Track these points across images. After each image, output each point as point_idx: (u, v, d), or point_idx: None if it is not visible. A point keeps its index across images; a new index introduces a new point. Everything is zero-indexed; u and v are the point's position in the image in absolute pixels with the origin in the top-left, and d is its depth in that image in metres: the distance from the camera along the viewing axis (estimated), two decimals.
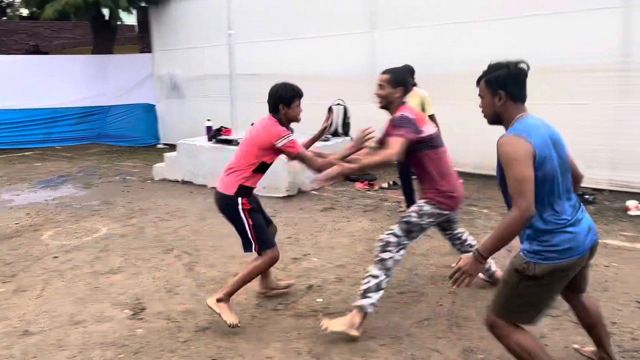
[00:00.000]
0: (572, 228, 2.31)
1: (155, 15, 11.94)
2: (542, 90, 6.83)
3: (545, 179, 2.28)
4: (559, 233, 2.29)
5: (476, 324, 3.34)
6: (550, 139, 2.37)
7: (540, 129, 2.39)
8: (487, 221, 5.52)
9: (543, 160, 2.28)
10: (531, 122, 2.41)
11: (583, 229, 2.34)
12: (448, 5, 7.58)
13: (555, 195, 2.32)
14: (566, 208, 2.35)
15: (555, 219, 2.30)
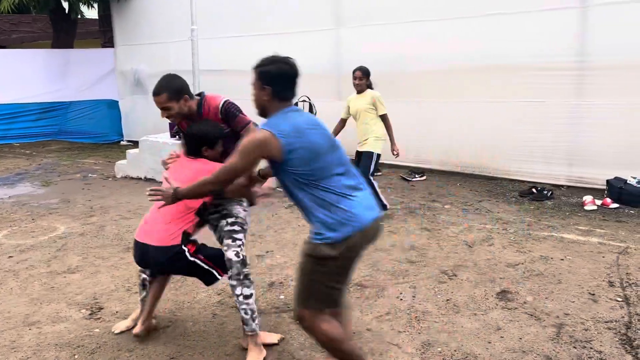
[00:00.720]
0: (347, 204, 2.33)
1: (118, 9, 11.69)
2: (502, 87, 7.01)
3: (308, 162, 2.33)
4: (333, 210, 2.33)
5: (435, 317, 3.39)
6: (307, 125, 2.41)
7: (292, 118, 2.42)
8: (450, 216, 5.60)
9: (294, 147, 2.31)
10: (284, 115, 2.44)
11: (360, 206, 2.37)
12: (412, 4, 7.65)
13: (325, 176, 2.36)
14: (339, 185, 2.36)
15: (327, 198, 2.34)
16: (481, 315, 3.41)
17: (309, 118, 2.52)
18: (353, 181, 2.44)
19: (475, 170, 7.43)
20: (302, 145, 2.33)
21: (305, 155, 2.33)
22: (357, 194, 2.41)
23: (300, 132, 2.36)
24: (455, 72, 7.36)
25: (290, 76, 2.45)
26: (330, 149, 2.42)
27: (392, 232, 5.15)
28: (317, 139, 2.39)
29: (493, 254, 4.48)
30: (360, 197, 2.41)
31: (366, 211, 2.38)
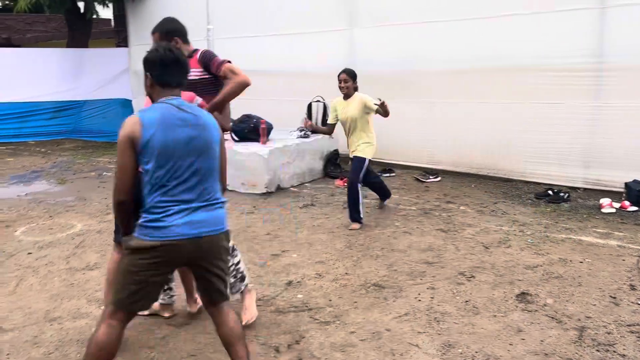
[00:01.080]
0: (167, 214, 2.29)
1: (132, 9, 11.76)
2: (517, 88, 6.97)
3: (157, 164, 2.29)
4: (152, 213, 2.30)
5: (455, 319, 3.38)
6: (169, 123, 2.32)
7: (157, 111, 2.34)
8: (465, 218, 5.58)
9: (149, 144, 2.27)
10: (156, 106, 2.39)
11: (181, 219, 2.30)
12: (427, 4, 7.63)
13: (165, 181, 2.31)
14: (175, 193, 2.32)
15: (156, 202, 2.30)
16: (501, 317, 3.40)
17: (183, 115, 2.37)
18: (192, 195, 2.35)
19: (489, 171, 7.39)
20: (157, 139, 2.27)
21: (155, 152, 2.27)
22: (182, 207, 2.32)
23: (163, 125, 2.30)
24: (469, 73, 7.33)
25: (168, 62, 2.41)
26: (187, 154, 2.33)
27: (408, 232, 5.13)
28: (175, 138, 2.30)
29: (511, 256, 4.46)
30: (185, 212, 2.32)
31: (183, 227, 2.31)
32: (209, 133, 2.42)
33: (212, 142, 2.43)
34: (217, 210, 2.43)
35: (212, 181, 2.43)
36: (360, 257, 4.49)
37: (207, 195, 2.39)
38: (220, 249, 2.45)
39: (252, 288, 3.53)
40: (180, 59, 2.44)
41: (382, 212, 5.85)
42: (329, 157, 7.86)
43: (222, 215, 2.46)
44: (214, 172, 2.44)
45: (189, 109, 2.41)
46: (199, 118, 2.41)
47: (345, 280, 4.02)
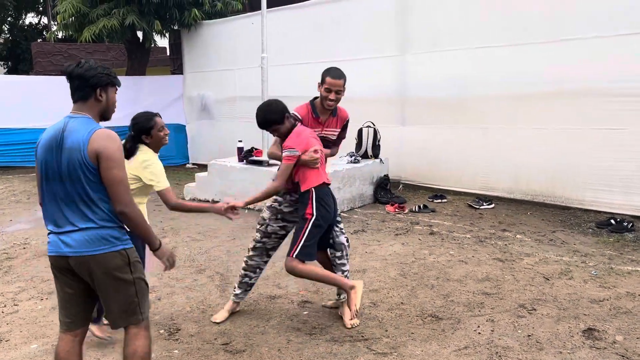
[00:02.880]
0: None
1: (187, 38, 12.21)
2: (578, 115, 6.77)
3: (41, 178, 2.46)
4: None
5: (518, 354, 3.25)
6: (55, 142, 2.42)
7: (50, 130, 2.48)
8: (523, 247, 5.41)
9: (37, 160, 2.49)
10: (53, 125, 2.50)
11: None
12: (480, 29, 7.57)
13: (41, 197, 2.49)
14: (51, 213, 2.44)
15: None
16: (567, 354, 3.24)
17: (53, 133, 2.44)
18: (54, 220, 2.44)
19: (546, 199, 7.17)
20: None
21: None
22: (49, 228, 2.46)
23: (38, 145, 2.50)
24: (524, 98, 7.19)
25: (70, 79, 2.47)
26: (51, 178, 2.40)
27: (463, 261, 5.02)
28: (42, 160, 2.45)
29: (574, 288, 4.27)
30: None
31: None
32: (70, 159, 2.42)
33: (72, 168, 2.40)
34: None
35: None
36: (415, 286, 4.41)
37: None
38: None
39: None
40: (72, 74, 2.47)
41: (434, 240, 5.75)
42: (379, 182, 7.83)
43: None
44: (75, 199, 2.43)
45: (66, 132, 2.43)
46: (68, 142, 2.42)
47: (400, 310, 3.95)
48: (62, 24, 11.53)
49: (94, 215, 2.39)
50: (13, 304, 4.21)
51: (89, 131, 2.37)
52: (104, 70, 2.50)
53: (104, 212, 2.40)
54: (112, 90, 2.56)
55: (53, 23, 22.20)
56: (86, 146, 2.34)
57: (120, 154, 2.39)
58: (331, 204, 3.56)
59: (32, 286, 4.58)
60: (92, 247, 2.38)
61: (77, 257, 2.39)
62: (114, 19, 10.70)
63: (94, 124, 2.44)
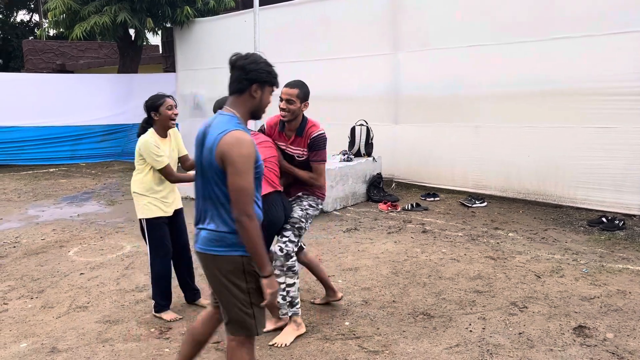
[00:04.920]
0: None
1: (180, 35, 12.16)
2: (569, 113, 6.80)
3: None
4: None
5: (509, 352, 3.25)
6: (201, 137, 2.41)
7: (202, 125, 2.47)
8: (515, 245, 5.42)
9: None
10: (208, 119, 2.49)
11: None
12: (472, 28, 7.58)
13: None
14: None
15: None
16: (558, 351, 3.25)
17: (201, 129, 2.44)
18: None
19: (538, 197, 7.19)
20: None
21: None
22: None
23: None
24: (516, 96, 7.21)
25: (231, 69, 2.40)
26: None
27: (455, 259, 5.02)
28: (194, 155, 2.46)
29: (565, 286, 4.29)
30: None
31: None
32: (206, 157, 2.36)
33: (207, 167, 2.35)
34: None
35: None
36: (407, 285, 4.41)
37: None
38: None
39: (301, 323, 3.57)
40: (235, 64, 2.36)
41: (427, 238, 5.75)
42: (372, 180, 7.83)
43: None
44: (210, 198, 2.38)
45: (208, 128, 2.39)
46: (206, 139, 2.37)
47: (392, 308, 3.95)
48: (53, 21, 11.46)
49: (220, 217, 2.34)
50: (2, 302, 4.17)
51: (221, 132, 2.26)
52: (267, 67, 2.39)
53: (228, 216, 2.32)
54: (268, 90, 2.42)
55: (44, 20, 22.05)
56: (215, 148, 2.26)
57: (246, 160, 2.24)
58: (275, 212, 3.45)
59: (22, 285, 4.55)
60: (211, 246, 2.35)
61: (199, 254, 2.41)
62: (105, 16, 10.64)
63: (232, 124, 2.30)
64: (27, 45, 18.18)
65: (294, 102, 3.51)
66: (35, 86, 11.97)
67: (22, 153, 11.87)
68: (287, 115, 3.53)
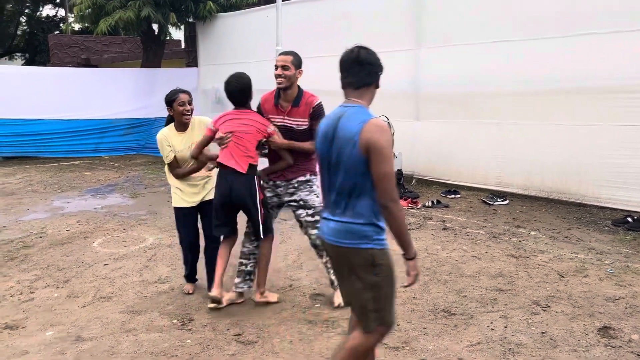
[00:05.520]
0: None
1: (202, 30, 12.24)
2: (595, 111, 6.68)
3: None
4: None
5: (531, 351, 3.22)
6: (331, 131, 2.39)
7: (327, 120, 2.48)
8: (537, 243, 5.36)
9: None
10: (331, 112, 2.49)
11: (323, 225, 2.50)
12: (496, 24, 7.49)
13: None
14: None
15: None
16: (582, 352, 3.21)
17: (329, 122, 2.45)
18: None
19: (561, 195, 7.09)
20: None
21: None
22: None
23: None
24: (539, 93, 7.11)
25: (349, 63, 2.42)
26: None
27: (476, 257, 4.98)
28: (319, 149, 2.48)
29: (589, 286, 4.23)
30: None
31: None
32: (342, 149, 2.34)
33: (344, 158, 2.34)
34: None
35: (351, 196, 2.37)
36: (427, 282, 4.39)
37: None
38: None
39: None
40: (359, 58, 2.38)
41: (447, 235, 5.71)
42: None
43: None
44: (347, 190, 2.36)
45: (340, 119, 2.37)
46: (341, 130, 2.35)
47: (413, 304, 3.94)
48: (79, 15, 11.63)
49: (354, 209, 2.33)
50: (29, 291, 4.27)
51: (362, 121, 2.28)
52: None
53: (364, 208, 2.32)
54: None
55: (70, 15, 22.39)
56: (358, 137, 2.26)
57: (389, 147, 2.28)
58: (221, 185, 3.69)
59: (48, 274, 4.64)
60: (342, 238, 2.36)
61: (330, 245, 2.43)
62: (130, 11, 10.76)
63: (368, 113, 2.34)
64: (52, 39, 18.48)
65: (289, 67, 3.64)
66: (61, 80, 12.17)
67: (47, 145, 12.10)
68: (283, 81, 3.64)
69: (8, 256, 5.15)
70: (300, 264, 4.85)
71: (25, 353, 3.27)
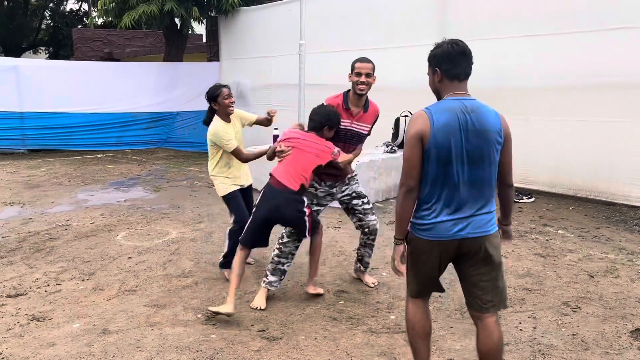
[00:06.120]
0: (435, 214, 2.44)
1: (224, 24, 12.24)
2: (627, 107, 6.51)
3: (438, 161, 2.39)
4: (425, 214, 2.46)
5: (562, 353, 3.14)
6: (460, 124, 2.38)
7: (448, 112, 2.40)
8: (565, 243, 5.24)
9: (436, 143, 2.37)
10: (445, 104, 2.44)
11: (448, 220, 2.43)
12: (523, 17, 7.33)
13: (442, 181, 2.41)
14: (445, 195, 2.42)
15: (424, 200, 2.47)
16: (615, 355, 3.12)
17: (451, 115, 2.40)
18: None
19: (589, 194, 6.93)
20: (440, 142, 2.39)
21: (436, 154, 2.42)
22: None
23: (448, 129, 2.40)
24: (569, 89, 6.95)
25: (455, 55, 2.45)
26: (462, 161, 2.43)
27: (503, 256, 4.85)
28: (440, 143, 2.40)
29: (621, 287, 4.12)
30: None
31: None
32: (486, 141, 2.39)
33: (488, 150, 2.40)
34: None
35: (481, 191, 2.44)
36: (453, 280, 4.28)
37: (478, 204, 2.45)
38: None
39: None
40: (466, 51, 2.47)
41: None
42: None
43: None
44: (484, 182, 2.43)
45: (473, 113, 2.41)
46: (481, 123, 2.40)
47: (439, 303, 3.88)
48: (103, 9, 11.71)
49: (491, 199, 2.49)
50: (56, 283, 4.31)
51: (495, 113, 2.45)
52: None
53: (492, 194, 2.49)
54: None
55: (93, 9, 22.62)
56: (501, 128, 2.43)
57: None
58: (268, 201, 3.68)
59: (74, 267, 4.68)
60: (488, 227, 2.46)
61: (476, 238, 2.44)
62: (153, 5, 10.81)
63: (487, 106, 2.48)
64: (76, 33, 18.67)
65: (372, 75, 3.77)
66: (84, 74, 12.30)
67: (71, 139, 12.25)
68: (365, 89, 3.75)
69: (35, 248, 5.21)
70: (324, 260, 4.82)
71: (52, 345, 3.30)
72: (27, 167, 10.17)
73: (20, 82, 11.59)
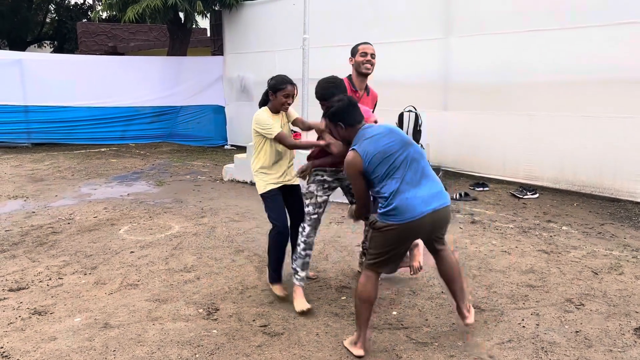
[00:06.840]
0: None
1: (228, 18, 12.20)
2: (628, 102, 6.46)
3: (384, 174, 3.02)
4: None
5: (565, 350, 3.12)
6: (384, 146, 3.05)
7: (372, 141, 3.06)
8: (569, 239, 5.21)
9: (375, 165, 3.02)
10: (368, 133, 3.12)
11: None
12: (529, 12, 7.27)
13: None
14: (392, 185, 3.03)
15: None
16: (618, 352, 3.10)
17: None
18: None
19: (594, 190, 6.89)
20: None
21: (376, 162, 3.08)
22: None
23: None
24: (574, 84, 6.89)
25: (348, 105, 3.15)
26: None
27: (506, 252, 4.87)
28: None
29: (624, 284, 4.09)
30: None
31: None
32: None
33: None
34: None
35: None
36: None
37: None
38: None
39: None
40: (352, 101, 3.09)
41: (476, 229, 5.60)
42: None
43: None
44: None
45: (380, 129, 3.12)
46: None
47: (441, 299, 3.86)
48: (107, 3, 11.69)
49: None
50: (58, 277, 4.31)
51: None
52: None
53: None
54: None
55: (98, 3, 22.60)
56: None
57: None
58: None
59: (76, 261, 4.69)
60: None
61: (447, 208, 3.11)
62: None
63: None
64: (81, 27, 18.67)
65: (375, 56, 3.92)
66: (89, 68, 12.30)
67: (75, 132, 12.27)
68: (370, 68, 3.92)
69: (37, 241, 5.22)
70: (326, 255, 4.81)
71: (53, 339, 3.30)
72: (30, 160, 10.19)
73: (25, 75, 11.61)
